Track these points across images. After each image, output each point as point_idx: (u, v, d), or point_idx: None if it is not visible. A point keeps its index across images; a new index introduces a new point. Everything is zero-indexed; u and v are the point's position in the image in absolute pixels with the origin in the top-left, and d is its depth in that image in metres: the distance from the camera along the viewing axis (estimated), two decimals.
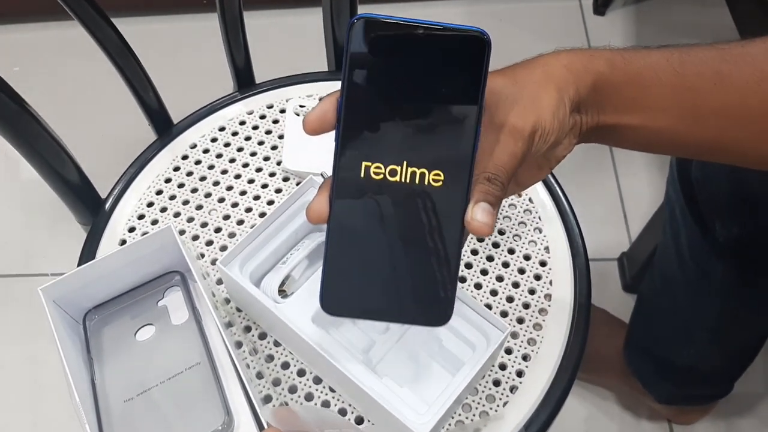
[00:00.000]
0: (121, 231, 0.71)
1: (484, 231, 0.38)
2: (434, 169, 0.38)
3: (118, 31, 0.71)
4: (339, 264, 0.39)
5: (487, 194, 0.39)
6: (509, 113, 0.41)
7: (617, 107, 0.44)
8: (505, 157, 0.40)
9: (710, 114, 0.44)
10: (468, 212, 0.38)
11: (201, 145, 0.77)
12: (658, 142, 0.46)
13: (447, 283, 0.40)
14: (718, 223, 0.74)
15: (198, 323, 0.61)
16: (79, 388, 0.54)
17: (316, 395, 0.60)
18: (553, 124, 0.42)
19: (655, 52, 0.44)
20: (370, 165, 0.38)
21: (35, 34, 1.63)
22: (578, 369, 0.63)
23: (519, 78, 0.43)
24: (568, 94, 0.42)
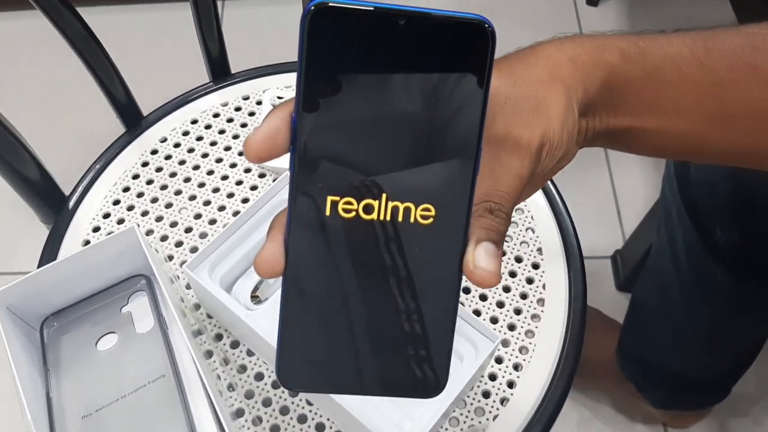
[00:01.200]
0: (84, 231, 0.66)
1: (490, 282, 0.30)
2: (422, 203, 0.29)
3: (82, 20, 0.66)
4: (300, 325, 0.30)
5: (490, 230, 0.31)
6: (511, 123, 0.33)
7: (632, 109, 0.37)
8: (509, 180, 0.32)
9: (742, 114, 0.37)
10: (468, 257, 0.30)
11: (171, 139, 0.72)
12: (679, 147, 0.39)
13: (441, 345, 0.31)
14: (719, 228, 0.70)
15: (164, 331, 0.56)
16: (31, 404, 0.50)
17: (292, 409, 0.56)
18: (563, 136, 0.34)
19: (676, 39, 0.37)
20: (338, 200, 0.29)
21: (9, 23, 1.58)
22: (573, 378, 0.59)
23: (518, 76, 0.35)
24: (576, 95, 0.35)
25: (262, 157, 0.30)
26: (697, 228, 0.72)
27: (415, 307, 0.30)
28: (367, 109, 0.28)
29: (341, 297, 0.30)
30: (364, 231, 0.29)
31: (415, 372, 0.31)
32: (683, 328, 0.86)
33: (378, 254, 0.30)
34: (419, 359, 0.31)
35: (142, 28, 1.58)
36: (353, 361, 0.31)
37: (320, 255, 0.29)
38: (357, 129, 0.29)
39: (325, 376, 0.31)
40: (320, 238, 0.29)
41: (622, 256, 1.21)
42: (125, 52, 0.76)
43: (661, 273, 0.85)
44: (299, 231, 0.29)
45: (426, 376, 0.31)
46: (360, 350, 0.31)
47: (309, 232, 0.29)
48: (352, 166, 0.29)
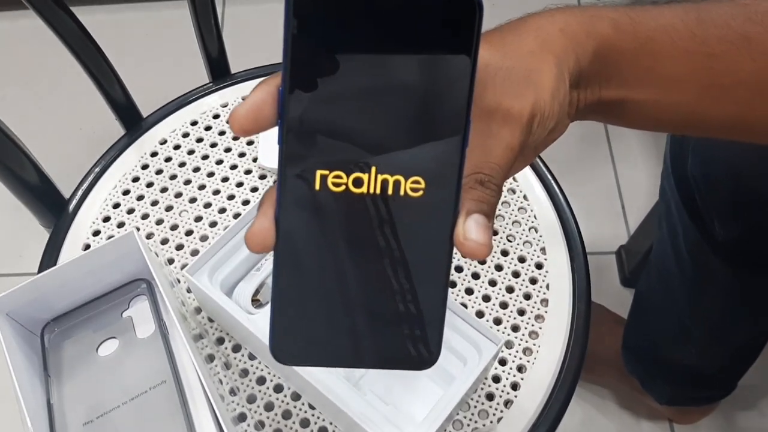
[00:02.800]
0: (84, 235, 0.66)
1: (481, 253, 0.30)
2: (412, 175, 0.29)
3: (77, 20, 0.66)
4: (292, 301, 0.30)
5: (481, 202, 0.31)
6: (501, 95, 0.33)
7: (624, 79, 0.37)
8: (500, 152, 0.33)
9: (735, 85, 0.37)
10: (458, 229, 0.30)
11: (171, 141, 0.72)
12: (672, 119, 0.39)
13: (432, 317, 0.31)
14: (718, 223, 0.69)
15: (164, 336, 0.56)
16: (32, 410, 0.50)
17: (295, 413, 0.56)
18: (553, 106, 0.34)
19: (668, 11, 0.37)
20: (327, 174, 0.29)
21: (8, 23, 1.58)
22: (578, 379, 0.58)
23: (509, 48, 0.35)
24: (567, 66, 0.35)
25: (247, 130, 0.30)
26: (696, 222, 0.72)
27: (406, 279, 0.30)
28: (355, 83, 0.28)
29: (333, 271, 0.30)
30: (354, 204, 0.29)
31: (408, 344, 0.31)
32: (685, 322, 0.85)
33: (368, 227, 0.30)
34: (412, 331, 0.31)
35: (140, 27, 1.57)
36: (346, 334, 0.31)
37: (311, 229, 0.29)
38: (345, 103, 0.28)
39: (318, 350, 0.31)
40: (310, 212, 0.29)
41: (626, 251, 1.21)
42: (123, 52, 0.76)
43: (664, 267, 0.85)
44: (289, 205, 0.29)
45: (419, 348, 0.31)
46: (352, 323, 0.31)
47: (299, 206, 0.29)
48: (341, 140, 0.29)
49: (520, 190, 0.68)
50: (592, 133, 1.38)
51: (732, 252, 0.72)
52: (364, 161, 0.29)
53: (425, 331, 0.31)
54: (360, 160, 0.29)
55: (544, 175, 0.68)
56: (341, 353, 0.31)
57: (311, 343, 0.31)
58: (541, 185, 0.68)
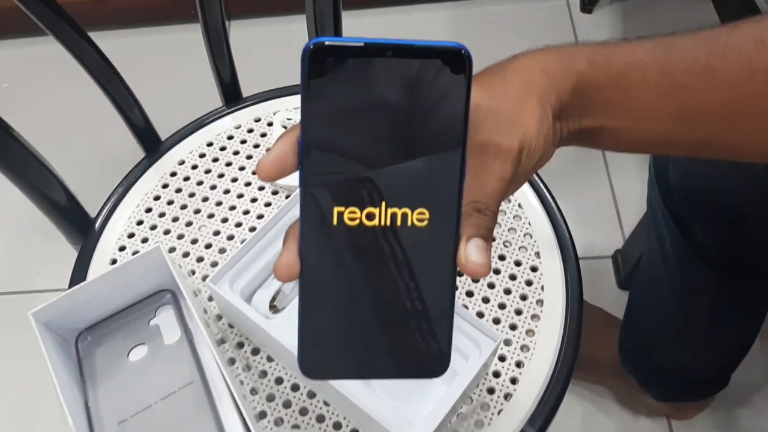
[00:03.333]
0: (111, 251, 0.71)
1: (481, 272, 0.34)
2: (418, 208, 0.33)
3: (98, 50, 0.70)
4: (316, 323, 0.34)
5: (479, 227, 0.35)
6: (492, 132, 0.37)
7: (600, 110, 0.41)
8: (494, 183, 0.37)
9: (700, 113, 0.40)
10: (461, 252, 0.34)
11: (189, 162, 0.77)
12: (645, 143, 0.44)
13: (441, 331, 0.35)
14: (700, 231, 0.73)
15: (190, 342, 0.61)
16: (72, 411, 0.54)
17: (311, 410, 0.60)
18: (539, 140, 0.38)
19: (638, 48, 0.40)
20: (343, 210, 0.33)
21: (24, 50, 1.63)
22: (572, 373, 0.63)
23: (496, 90, 0.39)
24: (549, 102, 0.39)
25: (273, 177, 0.34)
26: (681, 230, 0.76)
27: (417, 298, 0.34)
28: (364, 130, 0.33)
29: (352, 294, 0.34)
30: (367, 235, 0.33)
31: (423, 354, 0.35)
32: (677, 324, 0.89)
33: (381, 254, 0.34)
34: (425, 343, 0.35)
35: (155, 51, 1.62)
36: (366, 349, 0.35)
37: (330, 259, 0.34)
38: (356, 148, 0.33)
39: (342, 365, 0.35)
40: (329, 244, 0.33)
41: (622, 255, 1.24)
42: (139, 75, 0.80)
43: (654, 273, 0.88)
44: (311, 239, 0.33)
45: (432, 358, 0.35)
46: (372, 339, 0.35)
47: (319, 239, 0.33)
48: (354, 180, 0.33)
49: (515, 199, 0.72)
50: None
51: (716, 258, 0.75)
52: (375, 198, 0.33)
53: (437, 343, 0.35)
54: (371, 197, 0.33)
55: (537, 185, 0.73)
56: (363, 367, 0.35)
57: (336, 359, 0.35)
58: (534, 194, 0.72)
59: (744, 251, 0.72)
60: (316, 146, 0.32)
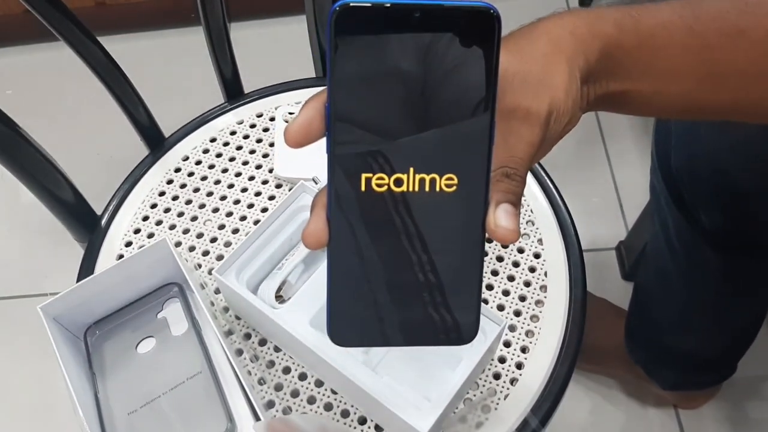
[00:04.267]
0: (118, 246, 0.71)
1: (512, 238, 0.34)
2: (446, 173, 0.33)
3: (104, 50, 0.71)
4: (345, 290, 0.34)
5: (508, 193, 0.35)
6: (520, 96, 0.36)
7: (629, 73, 0.40)
8: (522, 147, 0.36)
9: (730, 74, 0.39)
10: (489, 218, 0.34)
11: (193, 157, 0.78)
12: (673, 107, 0.43)
13: (470, 298, 0.35)
14: (703, 214, 0.74)
15: (198, 333, 0.61)
16: (82, 403, 0.55)
17: (318, 398, 0.61)
18: (567, 103, 0.37)
19: (666, 9, 0.39)
20: (371, 176, 0.32)
21: (27, 56, 1.64)
22: (577, 358, 0.63)
23: (524, 52, 0.38)
24: (577, 64, 0.38)
25: (300, 143, 0.34)
26: (683, 214, 0.76)
27: (445, 265, 0.34)
28: (391, 94, 0.32)
29: (380, 261, 0.34)
30: (396, 202, 0.33)
31: (449, 323, 0.35)
32: (683, 309, 0.89)
33: (410, 221, 0.33)
34: (452, 311, 0.35)
35: (158, 53, 1.63)
36: (394, 317, 0.35)
37: (359, 225, 0.33)
38: (383, 112, 0.32)
39: (370, 332, 0.35)
40: (358, 210, 0.33)
41: (625, 246, 1.25)
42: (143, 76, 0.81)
43: (659, 259, 0.89)
44: (339, 206, 0.33)
45: (458, 326, 0.35)
46: (400, 306, 0.35)
47: (347, 206, 0.33)
48: (381, 146, 0.33)
49: None
50: (587, 136, 1.43)
51: (719, 240, 0.76)
52: (403, 163, 0.33)
53: (465, 309, 0.35)
54: (399, 163, 0.33)
55: (539, 172, 0.73)
56: (391, 334, 0.35)
57: (365, 326, 0.35)
58: (536, 181, 0.73)
59: (748, 230, 0.73)
60: (344, 111, 0.32)
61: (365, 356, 0.59)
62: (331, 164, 0.33)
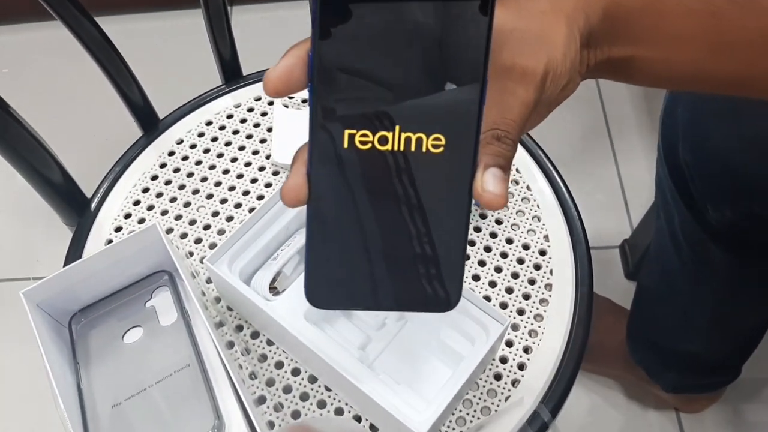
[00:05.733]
0: (107, 231, 0.69)
1: (498, 203, 0.32)
2: (433, 133, 0.31)
3: (99, 27, 0.69)
4: (324, 250, 0.33)
5: (497, 156, 0.33)
6: (516, 54, 0.35)
7: (632, 37, 0.38)
8: (516, 108, 0.34)
9: (739, 42, 0.38)
10: (477, 182, 0.32)
11: (188, 141, 0.75)
12: (679, 76, 0.41)
13: (453, 263, 0.33)
14: (711, 208, 0.72)
15: (187, 324, 0.59)
16: (64, 394, 0.52)
17: (312, 395, 0.58)
18: (565, 64, 0.36)
19: None
20: (355, 133, 0.31)
21: (24, 35, 1.62)
22: (582, 360, 0.61)
23: (522, 8, 0.36)
24: (577, 24, 0.36)
25: (279, 91, 0.32)
26: (690, 208, 0.74)
27: (428, 228, 0.33)
28: (378, 46, 0.30)
29: (360, 222, 0.33)
30: (379, 161, 0.32)
31: (430, 288, 0.34)
32: (687, 309, 0.87)
33: (393, 181, 0.32)
34: (434, 276, 0.33)
35: (154, 35, 1.61)
36: (374, 279, 0.34)
37: (340, 184, 0.32)
38: (369, 65, 0.31)
39: (349, 294, 0.34)
40: (339, 168, 0.32)
41: (630, 245, 1.23)
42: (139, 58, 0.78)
43: (663, 256, 0.87)
44: (320, 163, 0.32)
45: (440, 291, 0.34)
46: (380, 269, 0.33)
47: (329, 163, 0.32)
48: (367, 101, 0.31)
49: (523, 181, 0.70)
50: (593, 130, 1.40)
51: (726, 237, 0.74)
52: (389, 121, 0.31)
53: (447, 276, 0.33)
54: (384, 120, 0.31)
55: (546, 166, 0.71)
56: (370, 297, 0.34)
57: (343, 287, 0.34)
58: (543, 176, 0.70)
59: (756, 227, 0.70)
60: (328, 62, 0.30)
61: (361, 352, 0.57)
62: (312, 118, 0.31)
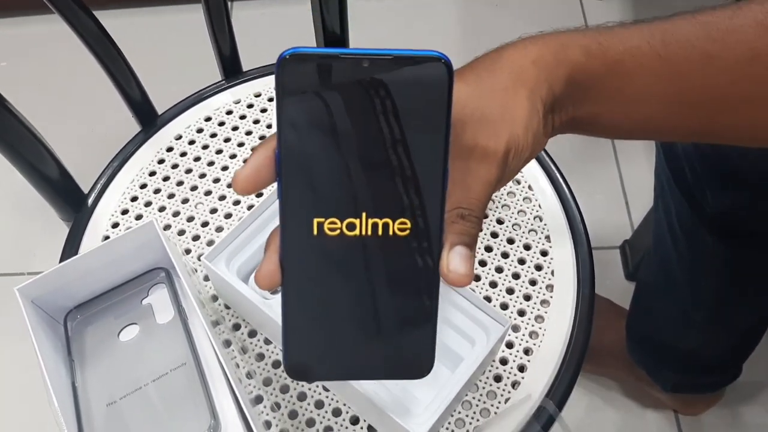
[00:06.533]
0: (104, 227, 0.68)
1: (462, 282, 0.33)
2: (399, 217, 0.33)
3: (97, 21, 0.68)
4: (300, 327, 0.34)
5: (462, 234, 0.34)
6: (478, 134, 0.36)
7: (596, 99, 0.40)
8: (479, 187, 0.36)
9: (699, 100, 0.39)
10: (443, 261, 0.34)
11: (186, 136, 0.74)
12: (641, 129, 0.42)
13: (425, 336, 0.35)
14: (710, 194, 0.71)
15: (184, 322, 0.58)
16: (58, 392, 0.52)
17: (309, 395, 0.58)
18: (527, 138, 0.37)
19: (635, 34, 0.39)
20: (323, 221, 0.32)
21: (21, 29, 1.61)
22: (583, 362, 0.60)
23: (484, 86, 0.38)
24: (540, 95, 0.38)
25: (249, 191, 0.34)
26: (687, 198, 0.74)
27: (400, 306, 0.34)
28: (342, 140, 0.32)
29: (334, 302, 0.34)
30: (349, 245, 0.33)
31: (404, 358, 0.35)
32: (686, 306, 0.87)
33: (364, 263, 0.33)
34: (407, 348, 0.35)
35: (153, 30, 1.60)
36: (350, 353, 0.35)
37: (312, 268, 0.33)
38: (334, 158, 0.32)
39: (326, 368, 0.36)
40: (311, 253, 0.33)
41: (630, 245, 1.22)
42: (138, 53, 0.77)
43: (661, 249, 0.86)
44: (291, 249, 0.33)
45: (414, 360, 0.35)
46: (354, 345, 0.35)
47: (300, 249, 0.33)
48: (333, 190, 0.32)
49: (525, 180, 0.70)
50: None
51: (722, 226, 0.74)
52: (355, 208, 0.33)
53: (421, 347, 0.35)
54: (351, 208, 0.33)
55: (548, 165, 0.70)
56: (347, 369, 0.36)
57: (320, 362, 0.35)
58: (545, 176, 0.70)
59: (754, 216, 0.70)
60: (294, 157, 0.32)
61: None
62: (282, 209, 0.33)
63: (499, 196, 0.68)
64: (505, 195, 0.69)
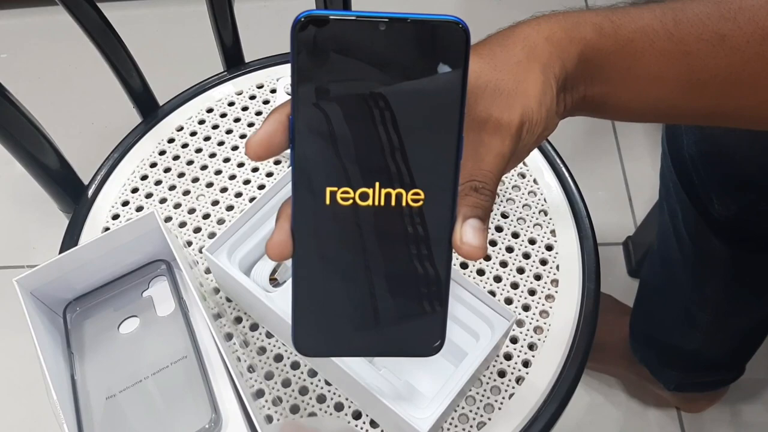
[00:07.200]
0: (104, 218, 0.67)
1: (476, 255, 0.33)
2: (412, 188, 0.32)
3: (100, 12, 0.67)
4: (310, 300, 0.34)
5: (476, 207, 0.34)
6: (491, 106, 0.36)
7: (607, 78, 0.40)
8: (492, 159, 0.35)
9: (711, 80, 0.39)
10: (456, 234, 0.33)
11: (188, 128, 0.73)
12: (652, 111, 0.42)
13: (436, 311, 0.34)
14: (716, 200, 0.71)
15: (185, 315, 0.57)
16: (57, 384, 0.51)
17: (311, 389, 0.57)
18: (541, 113, 0.37)
19: (647, 13, 0.39)
20: (336, 190, 0.32)
21: (23, 20, 1.60)
22: (588, 357, 0.59)
23: (498, 60, 0.37)
24: (553, 72, 0.38)
25: (261, 156, 0.33)
26: (693, 202, 0.73)
27: (412, 278, 0.34)
28: (357, 107, 0.31)
29: (345, 274, 0.33)
30: (361, 215, 0.32)
31: (415, 334, 0.35)
32: (690, 307, 0.86)
33: (376, 234, 0.33)
34: (418, 323, 0.35)
35: (155, 22, 1.59)
36: (360, 327, 0.35)
37: (324, 238, 0.33)
38: (349, 125, 0.31)
39: (336, 342, 0.35)
40: (322, 223, 0.32)
41: (633, 242, 1.21)
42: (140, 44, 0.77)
43: (666, 251, 0.86)
44: (303, 219, 0.32)
45: (424, 337, 0.35)
46: (365, 318, 0.34)
47: (312, 219, 0.32)
48: (347, 159, 0.32)
49: (530, 174, 0.69)
50: (598, 126, 1.39)
51: (729, 230, 0.73)
52: (369, 178, 0.32)
53: (432, 323, 0.35)
54: (365, 177, 0.32)
55: (554, 159, 0.69)
56: (357, 344, 0.35)
57: (330, 336, 0.35)
58: (550, 169, 0.69)
59: (760, 220, 0.69)
60: (308, 124, 0.31)
61: None
62: (295, 177, 0.32)
63: (504, 190, 0.68)
64: (510, 189, 0.68)
